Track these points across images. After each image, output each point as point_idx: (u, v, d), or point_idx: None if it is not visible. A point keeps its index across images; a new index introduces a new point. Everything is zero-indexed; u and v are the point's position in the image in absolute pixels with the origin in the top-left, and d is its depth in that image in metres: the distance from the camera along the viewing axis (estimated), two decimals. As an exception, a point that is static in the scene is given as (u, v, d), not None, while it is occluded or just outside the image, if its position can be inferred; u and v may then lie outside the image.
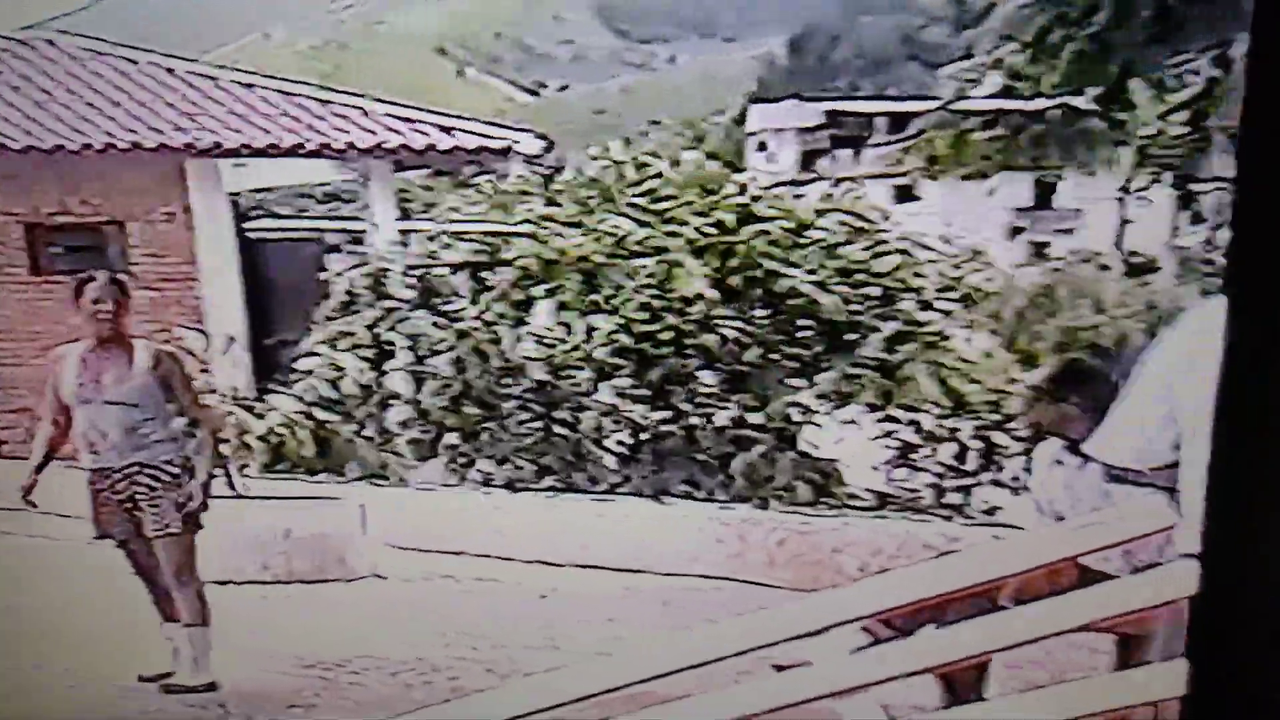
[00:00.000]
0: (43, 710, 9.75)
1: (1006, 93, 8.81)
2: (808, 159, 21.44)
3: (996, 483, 15.54)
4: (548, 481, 16.19)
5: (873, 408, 16.36)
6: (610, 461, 16.32)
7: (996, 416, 16.01)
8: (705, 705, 3.69)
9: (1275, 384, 2.50)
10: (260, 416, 17.46)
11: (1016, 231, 16.91)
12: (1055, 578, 3.82)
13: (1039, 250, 17.86)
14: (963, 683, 3.84)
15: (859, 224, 17.44)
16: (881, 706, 3.55)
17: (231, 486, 10.11)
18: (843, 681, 3.59)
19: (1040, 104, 8.80)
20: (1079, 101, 8.50)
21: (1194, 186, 9.72)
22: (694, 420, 16.27)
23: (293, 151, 20.88)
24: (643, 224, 17.39)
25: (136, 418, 9.57)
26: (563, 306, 17.30)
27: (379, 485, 16.38)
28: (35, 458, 9.96)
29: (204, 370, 10.92)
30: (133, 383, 9.54)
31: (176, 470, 9.68)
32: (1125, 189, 9.01)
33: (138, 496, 9.61)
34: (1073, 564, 3.90)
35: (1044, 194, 12.40)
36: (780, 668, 3.75)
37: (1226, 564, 2.54)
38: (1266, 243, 2.43)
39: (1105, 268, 14.60)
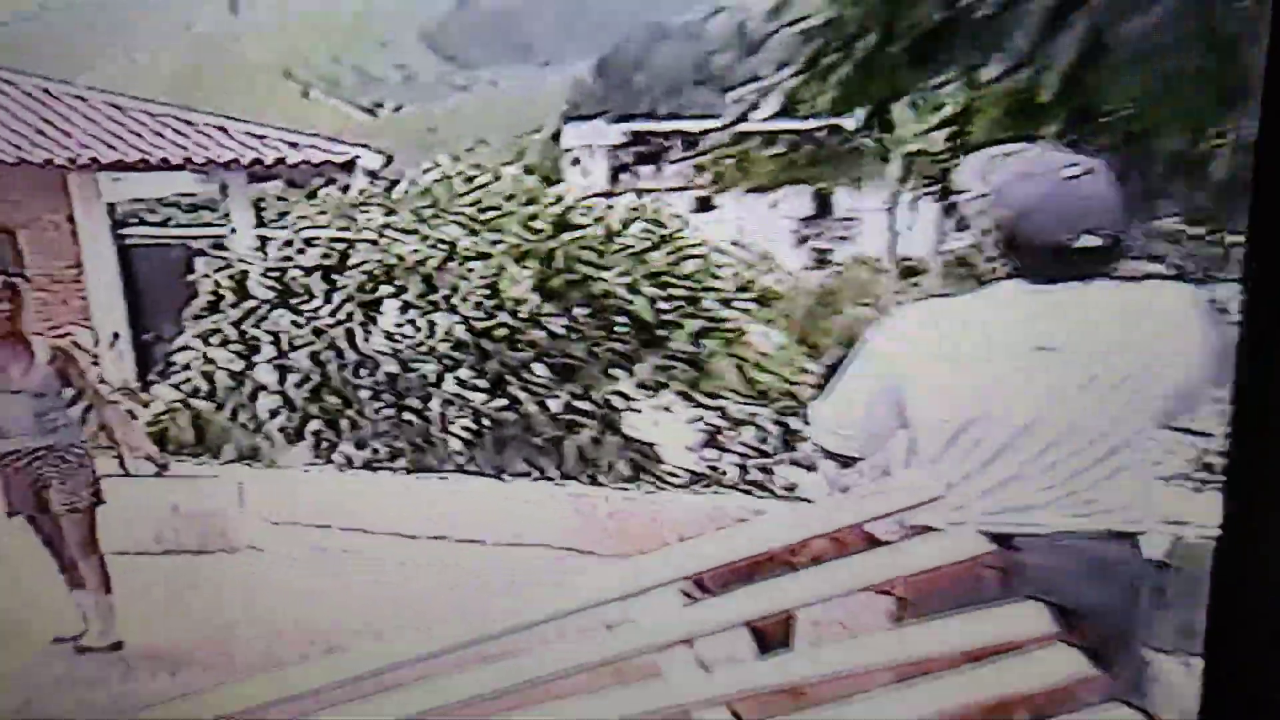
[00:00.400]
0: None
1: (784, 114, 8.95)
2: (616, 173, 21.58)
3: (794, 462, 15.78)
4: (401, 463, 16.49)
5: (683, 396, 16.49)
6: (456, 444, 16.51)
7: (791, 403, 16.38)
8: (545, 659, 3.80)
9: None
10: (145, 405, 17.68)
11: (803, 240, 17.14)
12: (843, 545, 3.94)
13: (822, 255, 18.18)
14: (771, 635, 3.88)
15: (662, 232, 17.78)
16: (698, 659, 3.66)
17: (122, 467, 10.48)
18: (664, 636, 3.71)
19: (812, 124, 8.98)
20: (847, 122, 8.72)
21: (955, 197, 9.96)
22: (530, 407, 16.50)
23: (161, 165, 21.14)
24: (472, 232, 17.59)
25: (43, 406, 9.86)
26: (406, 306, 17.50)
27: (253, 466, 16.74)
28: None
29: (94, 363, 11.18)
30: (36, 374, 9.82)
31: (80, 452, 10.05)
32: (894, 200, 9.32)
33: (46, 476, 9.95)
34: (861, 532, 4.06)
35: (823, 205, 12.72)
36: (610, 626, 3.88)
37: (1234, 564, 2.37)
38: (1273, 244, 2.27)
39: (880, 270, 14.96)
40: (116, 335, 19.89)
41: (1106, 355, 4.57)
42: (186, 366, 18.19)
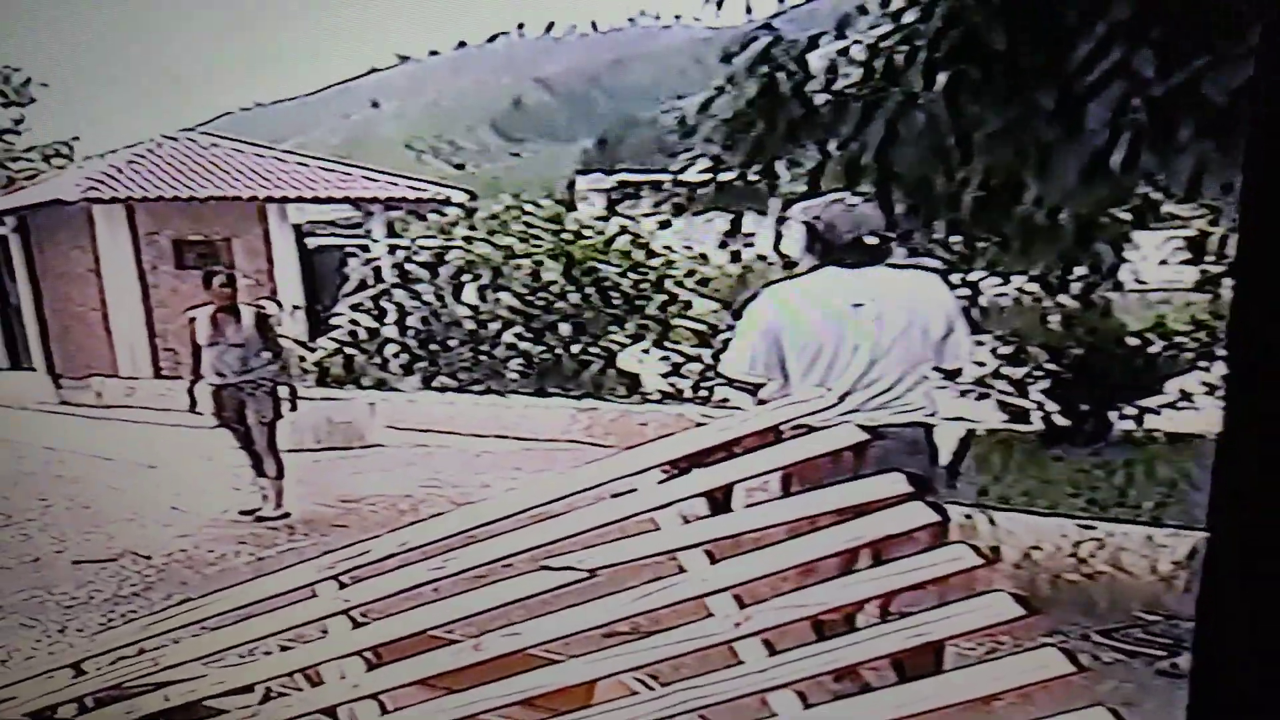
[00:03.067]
0: (176, 532, 9.88)
1: (712, 169, 9.28)
2: (611, 205, 21.95)
3: (727, 384, 15.70)
4: (477, 388, 16.42)
5: (655, 343, 16.72)
6: (513, 375, 16.58)
7: (722, 348, 16.38)
8: (571, 520, 3.64)
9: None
10: (312, 351, 17.73)
11: (724, 245, 17.42)
12: (764, 439, 3.71)
13: (736, 255, 18.51)
14: (718, 501, 3.65)
15: (640, 240, 18.28)
16: (680, 515, 3.50)
17: (293, 392, 10.39)
18: (655, 500, 3.55)
19: (728, 176, 9.22)
20: (751, 174, 8.91)
21: (794, 215, 10.18)
22: (559, 351, 16.61)
23: (328, 200, 21.66)
24: (523, 239, 17.79)
25: (246, 353, 9.87)
26: (481, 287, 17.67)
27: (381, 391, 16.63)
28: (188, 379, 10.29)
29: (279, 325, 11.17)
30: (243, 333, 9.85)
31: (268, 383, 9.99)
32: (779, 220, 9.38)
33: (245, 399, 9.90)
34: (775, 431, 3.82)
35: (736, 224, 12.68)
36: (617, 495, 3.69)
37: (1226, 565, 1.77)
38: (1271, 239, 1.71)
39: (771, 264, 14.94)
40: (296, 306, 20.00)
41: (893, 309, 5.06)
42: (340, 326, 18.60)
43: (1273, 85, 1.71)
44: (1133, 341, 9.86)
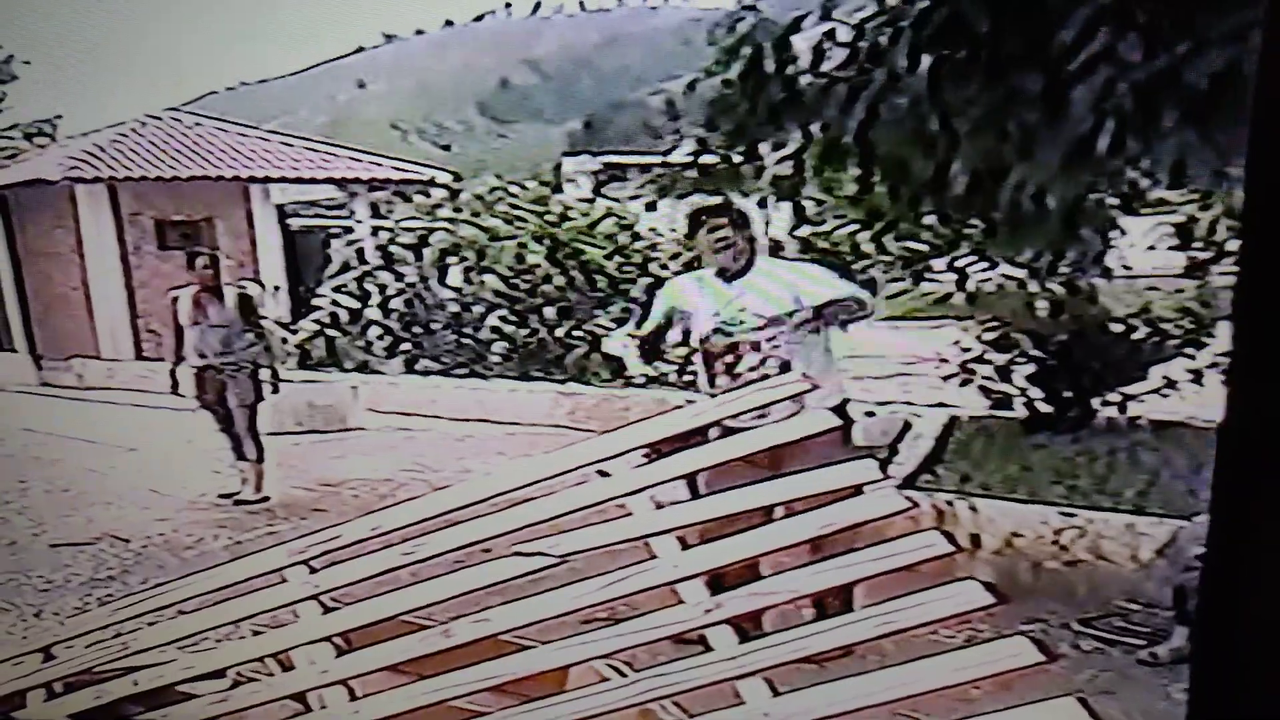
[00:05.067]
0: (155, 515, 9.79)
1: (697, 151, 9.35)
2: (597, 187, 21.87)
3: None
4: (460, 372, 16.39)
5: (639, 325, 16.66)
6: (496, 359, 16.54)
7: None
8: (544, 505, 3.64)
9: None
10: (294, 333, 17.70)
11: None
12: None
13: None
14: (693, 485, 3.89)
15: (625, 222, 18.08)
16: (652, 500, 3.50)
17: (275, 375, 10.36)
18: (634, 484, 3.54)
19: (712, 159, 9.28)
20: (734, 157, 8.95)
21: (803, 202, 10.24)
22: (543, 334, 16.55)
23: (312, 180, 21.61)
24: (508, 221, 17.69)
25: (229, 335, 9.84)
26: (466, 269, 17.63)
27: (363, 374, 16.59)
28: (170, 361, 10.26)
29: (261, 307, 11.11)
30: (225, 314, 9.83)
31: (250, 365, 9.95)
32: (762, 203, 9.45)
33: (226, 381, 9.87)
34: (752, 416, 3.92)
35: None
36: (603, 474, 3.68)
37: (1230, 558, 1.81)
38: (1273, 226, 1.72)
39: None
40: (278, 288, 20.01)
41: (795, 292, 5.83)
42: (321, 307, 18.44)
43: (1274, 72, 1.71)
44: (1117, 328, 9.85)
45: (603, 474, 3.70)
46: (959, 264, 10.84)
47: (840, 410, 4.37)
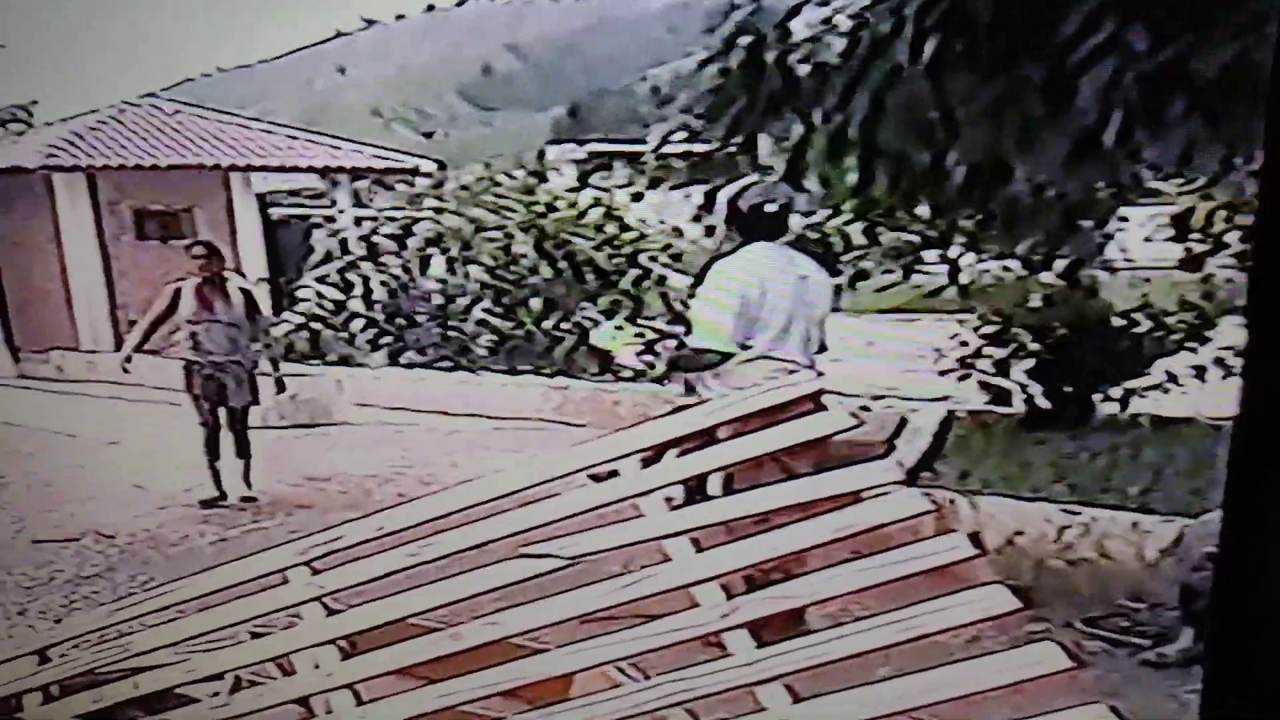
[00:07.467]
0: (139, 511, 9.76)
1: (689, 140, 9.36)
2: (583, 176, 21.84)
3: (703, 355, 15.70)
4: (445, 365, 16.36)
5: (629, 319, 16.62)
6: (481, 352, 16.48)
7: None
8: (553, 505, 3.58)
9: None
10: (277, 326, 17.65)
11: (698, 219, 17.34)
12: (749, 424, 3.61)
13: (710, 230, 18.43)
14: (692, 488, 3.77)
15: (613, 213, 17.98)
16: (666, 499, 3.44)
17: (280, 379, 10.33)
18: (640, 486, 3.48)
19: (706, 148, 9.31)
20: (731, 147, 8.94)
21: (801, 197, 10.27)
22: (530, 327, 16.50)
23: (293, 169, 21.62)
24: (493, 211, 17.65)
25: (235, 333, 9.76)
26: (450, 260, 17.59)
27: (348, 367, 16.55)
28: (133, 343, 10.09)
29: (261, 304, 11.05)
30: (234, 313, 9.73)
31: (251, 367, 9.94)
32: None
33: (226, 381, 9.72)
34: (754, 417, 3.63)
35: (710, 197, 12.59)
36: (596, 478, 3.66)
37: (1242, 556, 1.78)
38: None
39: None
40: (262, 279, 19.90)
41: (819, 284, 6.02)
42: (304, 299, 18.37)
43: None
44: (1119, 322, 9.84)
45: (612, 474, 3.64)
46: (952, 256, 10.86)
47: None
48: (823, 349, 6.08)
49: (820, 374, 5.76)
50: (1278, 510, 1.74)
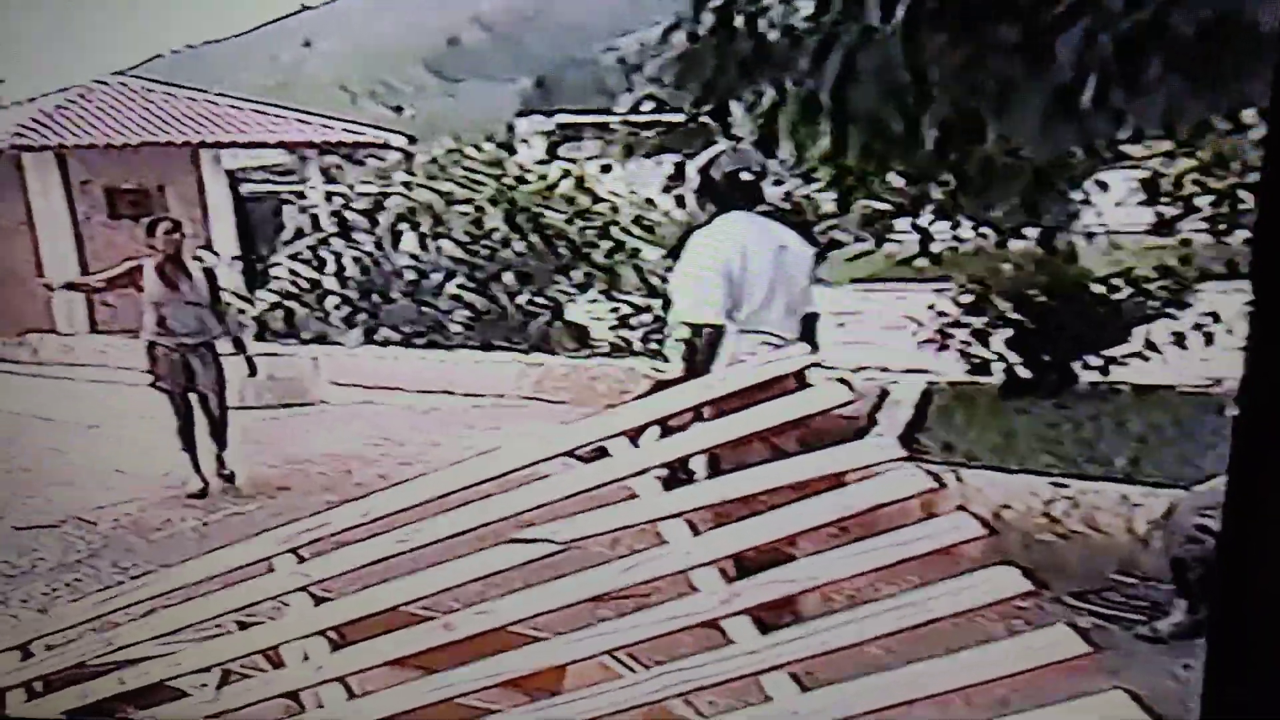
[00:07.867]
0: (121, 495, 9.56)
1: (658, 109, 9.32)
2: (552, 148, 21.79)
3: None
4: (420, 342, 16.26)
5: (603, 293, 16.62)
6: (456, 328, 16.40)
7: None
8: (537, 490, 3.51)
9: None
10: (252, 304, 17.55)
11: (668, 189, 17.29)
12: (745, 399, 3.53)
13: (680, 200, 18.45)
14: (675, 469, 3.65)
15: (584, 185, 17.87)
16: (658, 478, 3.36)
17: (250, 358, 10.15)
18: (633, 466, 3.41)
19: (677, 117, 9.26)
20: (703, 115, 8.88)
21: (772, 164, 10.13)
22: (504, 302, 16.42)
23: (262, 145, 21.48)
24: (463, 185, 17.57)
25: (200, 312, 9.46)
26: (422, 236, 17.46)
27: (323, 345, 16.44)
28: (81, 282, 10.01)
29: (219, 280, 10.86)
30: (198, 291, 9.52)
31: (217, 349, 9.66)
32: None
33: (194, 364, 9.47)
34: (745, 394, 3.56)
35: (680, 167, 12.54)
36: (583, 459, 3.58)
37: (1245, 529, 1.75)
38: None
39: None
40: (235, 258, 19.81)
41: (798, 254, 5.74)
42: (278, 277, 18.28)
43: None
44: (1097, 289, 9.77)
45: (601, 454, 3.54)
46: (923, 224, 10.79)
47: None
48: (814, 319, 5.91)
49: (815, 348, 5.64)
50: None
